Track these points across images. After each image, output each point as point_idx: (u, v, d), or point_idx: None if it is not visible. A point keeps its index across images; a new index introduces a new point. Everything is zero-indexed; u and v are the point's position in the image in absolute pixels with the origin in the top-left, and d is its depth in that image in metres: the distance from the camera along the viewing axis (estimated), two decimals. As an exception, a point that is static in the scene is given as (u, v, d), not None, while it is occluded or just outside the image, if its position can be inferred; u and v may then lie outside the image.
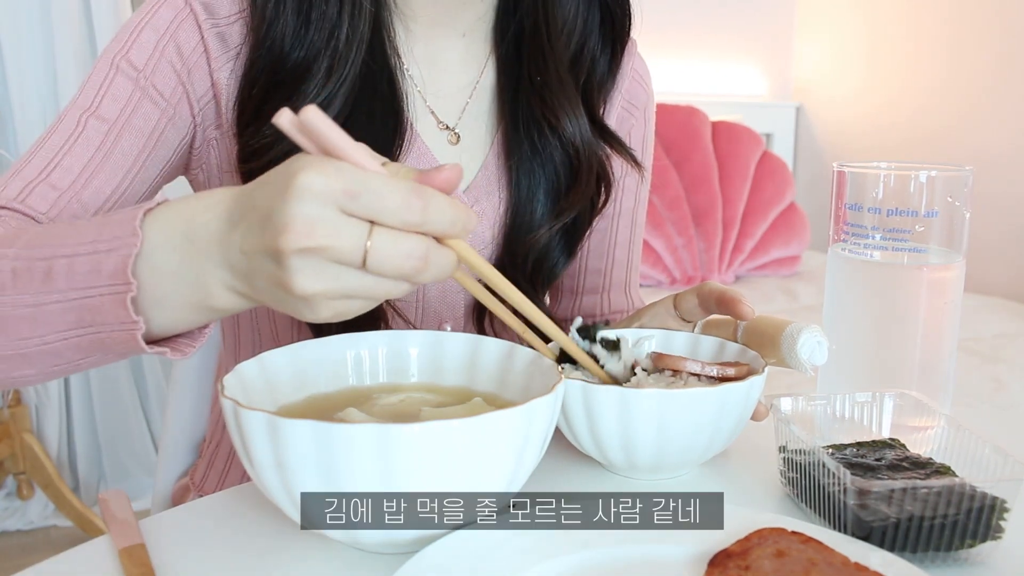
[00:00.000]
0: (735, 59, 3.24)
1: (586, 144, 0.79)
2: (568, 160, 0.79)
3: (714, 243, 2.48)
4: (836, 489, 0.49)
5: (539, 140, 0.78)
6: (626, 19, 0.82)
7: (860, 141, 3.09)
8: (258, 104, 0.70)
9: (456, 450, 0.42)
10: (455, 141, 0.80)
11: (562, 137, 0.78)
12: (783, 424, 0.56)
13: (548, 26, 0.78)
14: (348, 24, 0.69)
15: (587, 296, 0.92)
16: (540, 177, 0.79)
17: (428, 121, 0.79)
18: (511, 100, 0.80)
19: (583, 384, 0.54)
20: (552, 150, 0.78)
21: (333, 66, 0.69)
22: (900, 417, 0.60)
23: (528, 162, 0.79)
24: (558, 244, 0.81)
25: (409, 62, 0.78)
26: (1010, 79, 2.57)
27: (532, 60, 0.78)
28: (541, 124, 0.78)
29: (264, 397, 0.51)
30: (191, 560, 0.48)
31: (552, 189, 0.79)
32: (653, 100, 0.92)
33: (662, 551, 0.46)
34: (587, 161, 0.79)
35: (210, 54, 0.71)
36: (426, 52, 0.79)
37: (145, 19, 0.70)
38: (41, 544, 2.08)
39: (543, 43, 0.78)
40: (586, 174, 0.79)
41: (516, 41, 0.80)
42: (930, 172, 0.62)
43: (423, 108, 0.79)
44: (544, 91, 0.78)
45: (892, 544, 0.47)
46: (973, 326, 2.03)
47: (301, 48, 0.69)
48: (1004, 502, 0.48)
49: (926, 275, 0.63)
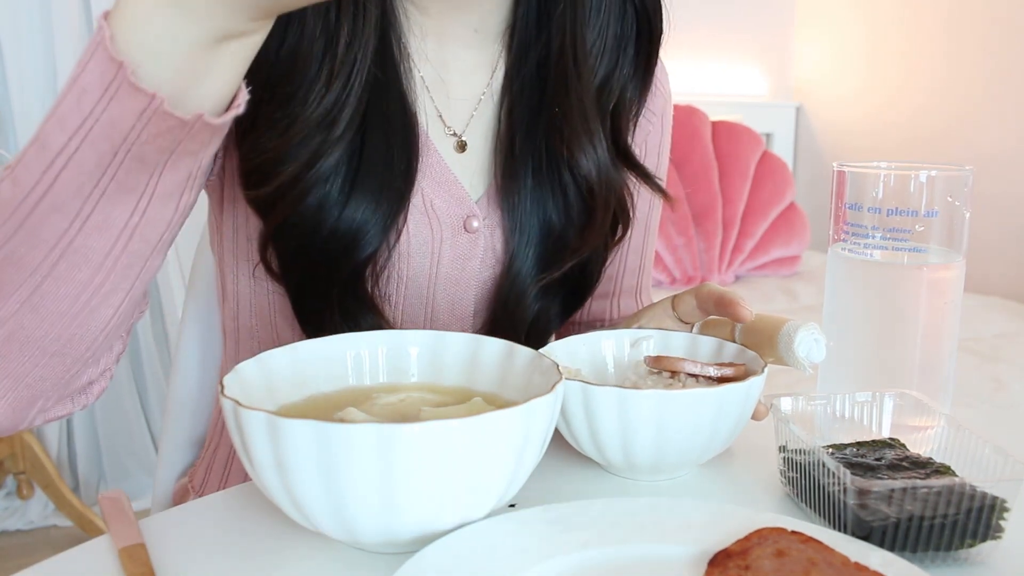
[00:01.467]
0: (735, 59, 3.24)
1: (604, 179, 0.74)
2: (581, 195, 0.74)
3: (714, 243, 2.48)
4: (836, 489, 0.50)
5: (550, 169, 0.74)
6: (660, 30, 0.77)
7: (860, 141, 3.09)
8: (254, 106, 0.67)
9: (456, 450, 0.42)
10: (461, 149, 0.76)
11: (575, 173, 0.73)
12: (783, 424, 0.56)
13: (576, 48, 0.72)
14: (348, 26, 0.65)
15: (596, 301, 0.90)
16: (551, 209, 0.75)
17: (437, 127, 0.76)
18: (525, 125, 0.75)
19: (583, 385, 0.54)
20: (567, 182, 0.74)
21: (334, 72, 0.65)
22: (900, 417, 0.60)
23: (540, 190, 0.75)
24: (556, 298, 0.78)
25: (421, 63, 0.74)
26: (1010, 79, 2.57)
27: (556, 89, 0.73)
28: (556, 157, 0.73)
29: (264, 397, 0.51)
30: (191, 560, 0.48)
31: (565, 223, 0.75)
32: (671, 103, 0.88)
33: (662, 551, 0.46)
34: (603, 197, 0.75)
35: None
36: (438, 53, 0.75)
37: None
38: (41, 544, 2.08)
39: (567, 68, 0.72)
40: (602, 210, 0.75)
41: (537, 60, 0.75)
42: (930, 172, 0.63)
43: (433, 113, 0.75)
44: (564, 125, 0.72)
45: (892, 544, 0.47)
46: (973, 326, 2.03)
47: (284, 45, 0.65)
48: (1004, 502, 0.48)
49: (926, 275, 0.63)
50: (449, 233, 0.74)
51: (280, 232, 0.67)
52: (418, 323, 0.77)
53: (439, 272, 0.75)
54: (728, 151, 2.59)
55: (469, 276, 0.76)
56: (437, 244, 0.74)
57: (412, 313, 0.76)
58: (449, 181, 0.74)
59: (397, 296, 0.75)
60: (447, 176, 0.74)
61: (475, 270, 0.76)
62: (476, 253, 0.76)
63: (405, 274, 0.74)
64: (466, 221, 0.75)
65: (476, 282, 0.77)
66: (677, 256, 2.43)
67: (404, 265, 0.73)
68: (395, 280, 0.74)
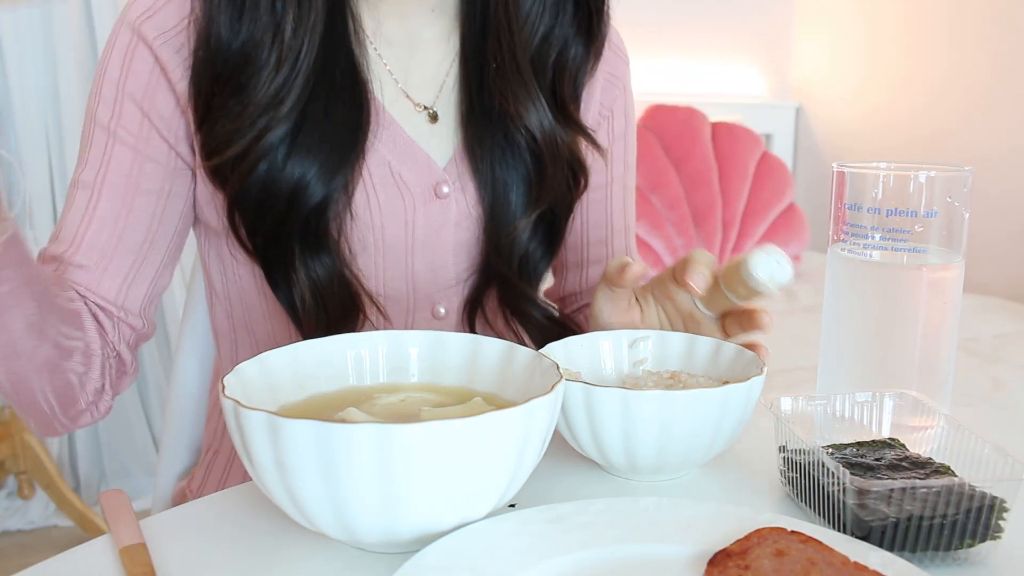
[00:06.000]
0: (734, 60, 3.24)
1: (548, 134, 0.78)
2: (535, 148, 0.79)
3: (714, 243, 2.48)
4: (835, 489, 0.50)
5: (503, 127, 0.78)
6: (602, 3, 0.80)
7: (860, 141, 3.09)
8: (207, 99, 0.70)
9: (456, 450, 0.42)
10: (433, 120, 0.80)
11: (524, 127, 0.78)
12: (783, 424, 0.56)
13: (508, 9, 0.77)
14: (293, 14, 0.69)
15: (592, 267, 0.92)
16: (511, 165, 0.79)
17: (404, 103, 0.79)
18: (476, 86, 0.79)
19: (584, 386, 0.54)
20: (519, 138, 0.78)
21: (282, 57, 0.69)
22: (900, 417, 0.60)
23: (499, 149, 0.79)
24: (538, 239, 0.81)
25: (380, 44, 0.78)
26: (1011, 79, 2.57)
27: (492, 46, 0.78)
28: (502, 113, 0.78)
29: (265, 397, 0.52)
30: (191, 560, 0.48)
31: (525, 177, 0.79)
32: (629, 67, 0.92)
33: (662, 551, 0.46)
34: (551, 151, 0.79)
35: (167, 69, 0.71)
36: (400, 32, 0.79)
37: (103, 66, 0.73)
38: (42, 544, 2.08)
39: (502, 27, 0.77)
40: (552, 165, 0.79)
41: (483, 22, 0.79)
42: (929, 172, 0.63)
43: (395, 90, 0.79)
44: (499, 80, 0.77)
45: (891, 544, 0.47)
46: (972, 326, 2.03)
47: (238, 38, 0.69)
48: (1003, 502, 0.48)
49: (926, 275, 0.63)
50: (421, 201, 0.78)
51: (238, 199, 0.72)
52: (401, 293, 0.79)
53: (415, 239, 0.78)
54: (728, 152, 2.59)
55: (446, 240, 0.79)
56: (410, 213, 0.77)
57: (394, 285, 0.79)
58: (415, 152, 0.78)
59: (376, 269, 0.78)
60: (412, 148, 0.78)
61: (451, 234, 0.79)
62: (449, 218, 0.79)
63: (382, 245, 0.77)
64: (436, 187, 0.78)
65: (453, 245, 0.80)
66: (677, 256, 2.43)
67: (379, 236, 0.77)
68: (372, 252, 0.77)
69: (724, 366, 0.63)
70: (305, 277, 0.72)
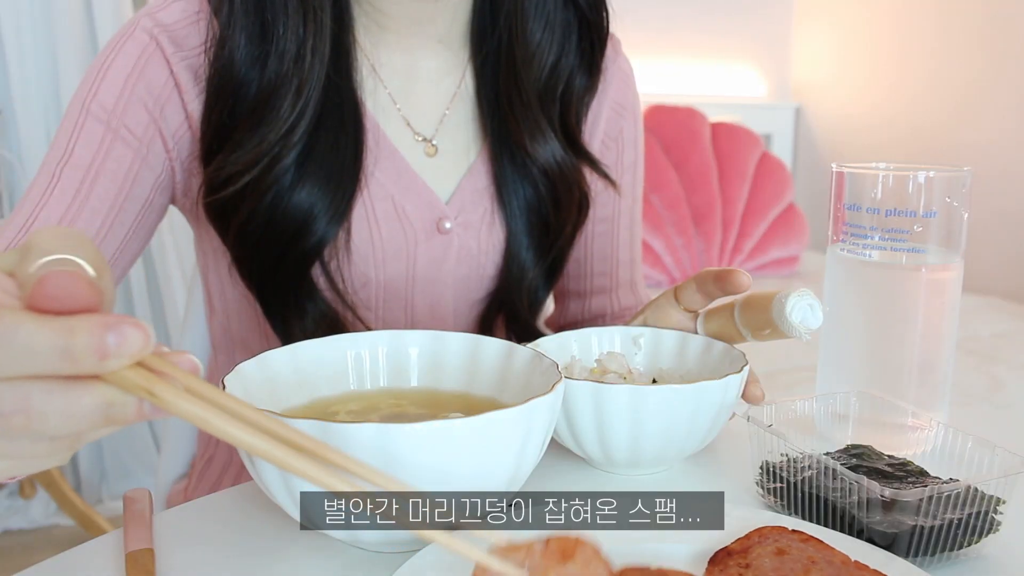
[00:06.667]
0: (734, 60, 3.24)
1: (559, 167, 0.78)
2: (548, 181, 0.79)
3: (713, 243, 2.48)
4: (845, 499, 0.50)
5: (518, 159, 0.78)
6: (603, 31, 0.80)
7: (859, 142, 3.09)
8: (224, 131, 0.69)
9: (456, 450, 0.42)
10: (432, 153, 0.79)
11: (536, 160, 0.78)
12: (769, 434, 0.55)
13: (516, 49, 0.77)
14: (310, 45, 0.68)
15: (596, 297, 0.92)
16: (521, 199, 0.79)
17: (405, 133, 0.78)
18: (491, 115, 0.79)
19: (589, 384, 0.54)
20: (532, 169, 0.78)
21: (301, 87, 0.68)
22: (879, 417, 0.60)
23: (513, 180, 0.79)
24: (538, 269, 0.81)
25: (385, 74, 0.77)
26: (1011, 79, 2.57)
27: (504, 81, 0.78)
28: (512, 147, 0.78)
29: (266, 398, 0.52)
30: (192, 559, 0.48)
31: (536, 208, 0.79)
32: (639, 98, 0.92)
33: (662, 550, 0.46)
34: (564, 184, 0.79)
35: (181, 88, 0.70)
36: (404, 62, 0.78)
37: (111, 58, 0.70)
38: (43, 543, 2.08)
39: (513, 65, 0.77)
40: (565, 197, 0.79)
41: (496, 54, 0.79)
42: (928, 173, 0.63)
43: (397, 120, 0.78)
44: (511, 115, 0.77)
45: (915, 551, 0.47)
46: (971, 326, 2.03)
47: (263, 73, 0.68)
48: (999, 499, 0.48)
49: (925, 275, 0.63)
50: (423, 236, 0.77)
51: (242, 230, 0.71)
52: (399, 327, 0.78)
53: (416, 275, 0.78)
54: (727, 152, 2.59)
55: (446, 276, 0.79)
56: (412, 247, 0.77)
57: (392, 319, 0.78)
58: (418, 186, 0.77)
59: (376, 302, 0.77)
60: (415, 181, 0.77)
61: (451, 269, 0.79)
62: (451, 253, 0.78)
63: (383, 279, 0.76)
64: (438, 223, 0.78)
65: (452, 280, 0.79)
66: (677, 256, 2.43)
67: (380, 271, 0.76)
68: (373, 286, 0.76)
69: (713, 364, 0.64)
70: (303, 311, 0.72)
